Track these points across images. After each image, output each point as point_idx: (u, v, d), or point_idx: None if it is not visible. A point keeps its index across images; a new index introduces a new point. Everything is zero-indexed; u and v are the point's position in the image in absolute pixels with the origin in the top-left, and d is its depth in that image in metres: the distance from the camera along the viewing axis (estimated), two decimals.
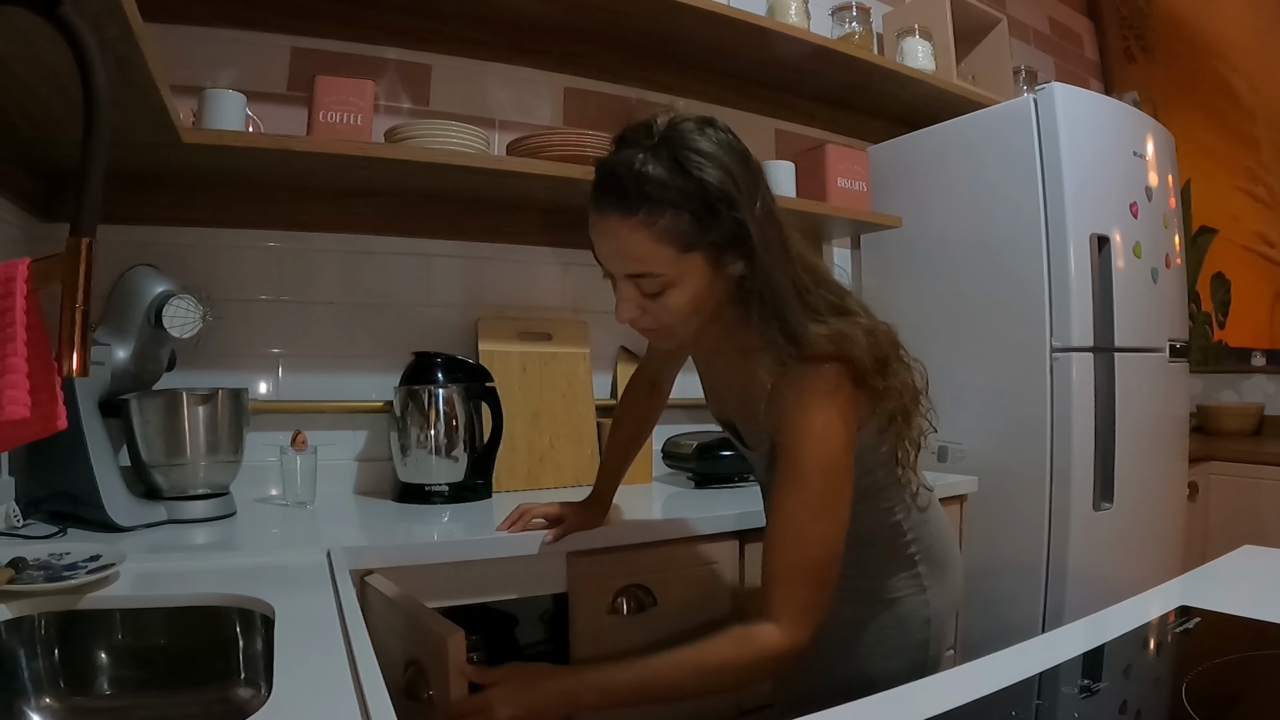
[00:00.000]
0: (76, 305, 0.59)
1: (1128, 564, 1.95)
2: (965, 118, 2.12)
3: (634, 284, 0.89)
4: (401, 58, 1.79)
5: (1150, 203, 2.07)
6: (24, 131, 1.20)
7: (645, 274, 0.88)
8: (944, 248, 2.11)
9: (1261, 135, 2.99)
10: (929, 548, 1.10)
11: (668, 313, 0.90)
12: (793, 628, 0.85)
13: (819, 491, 0.88)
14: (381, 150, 1.47)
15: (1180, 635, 0.81)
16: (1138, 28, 3.32)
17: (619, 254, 0.88)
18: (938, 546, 1.12)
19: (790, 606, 0.86)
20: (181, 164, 1.45)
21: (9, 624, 0.84)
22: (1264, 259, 3.02)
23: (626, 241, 0.86)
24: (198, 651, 0.90)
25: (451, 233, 1.80)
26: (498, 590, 1.29)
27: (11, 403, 0.57)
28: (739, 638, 0.86)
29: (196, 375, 1.51)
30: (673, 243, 0.86)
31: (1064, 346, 1.88)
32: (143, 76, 0.99)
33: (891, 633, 1.05)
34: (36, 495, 1.29)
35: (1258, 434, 2.92)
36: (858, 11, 2.21)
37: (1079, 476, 1.87)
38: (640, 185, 0.85)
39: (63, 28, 0.59)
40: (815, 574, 0.87)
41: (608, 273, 0.93)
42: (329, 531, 1.35)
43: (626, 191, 0.85)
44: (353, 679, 0.68)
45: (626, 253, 0.87)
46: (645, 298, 0.90)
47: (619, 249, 0.88)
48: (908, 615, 1.06)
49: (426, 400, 1.57)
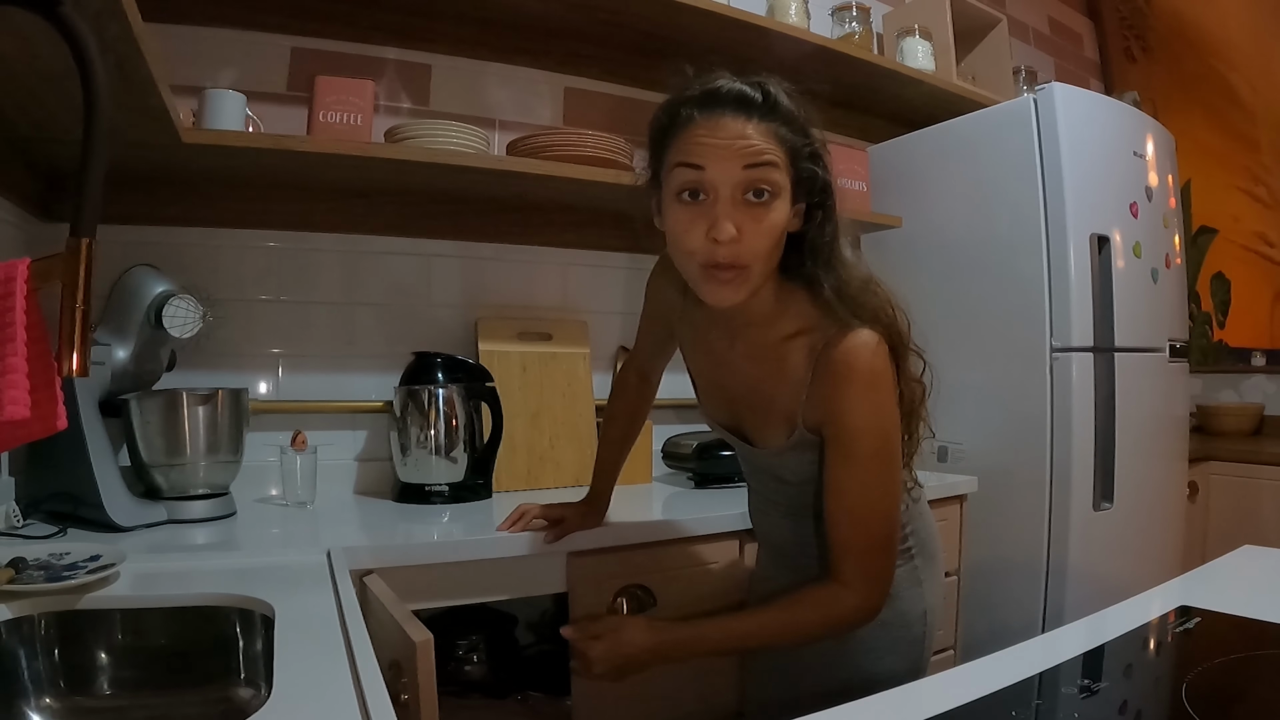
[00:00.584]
0: (76, 305, 0.59)
1: (1128, 564, 1.95)
2: (965, 118, 2.12)
3: (738, 199, 0.87)
4: (401, 58, 1.79)
5: (1150, 203, 2.07)
6: (24, 131, 1.20)
7: (764, 171, 0.86)
8: (944, 248, 2.11)
9: (1261, 135, 2.99)
10: (924, 541, 1.12)
11: (760, 237, 0.87)
12: (869, 596, 0.94)
13: (880, 467, 0.94)
14: (381, 150, 1.47)
15: (1180, 635, 0.81)
16: (1138, 27, 3.32)
17: (746, 150, 0.86)
18: (930, 540, 1.14)
19: (864, 575, 0.94)
20: (181, 164, 1.45)
21: (9, 624, 0.84)
22: (1264, 259, 3.02)
23: (754, 138, 0.86)
24: (198, 651, 0.90)
25: (451, 233, 1.80)
26: (498, 590, 1.29)
27: (11, 403, 0.57)
28: (823, 604, 0.95)
29: (196, 375, 1.51)
30: (784, 158, 0.89)
31: (1064, 346, 1.88)
32: (143, 76, 0.99)
33: (893, 628, 1.05)
34: (36, 495, 1.29)
35: (1258, 434, 2.92)
36: (858, 11, 2.21)
37: (1079, 476, 1.87)
38: (770, 98, 0.89)
39: (63, 28, 0.59)
40: (883, 544, 0.95)
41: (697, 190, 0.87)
42: (329, 531, 1.35)
43: (756, 102, 0.88)
44: (353, 679, 0.68)
45: (754, 149, 0.86)
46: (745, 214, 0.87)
47: (747, 145, 0.86)
48: (907, 609, 1.06)
49: (426, 400, 1.57)
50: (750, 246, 0.87)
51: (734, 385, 1.06)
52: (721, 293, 0.90)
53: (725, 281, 0.89)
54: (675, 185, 0.88)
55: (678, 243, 0.90)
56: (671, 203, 0.89)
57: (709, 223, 0.86)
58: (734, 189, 0.86)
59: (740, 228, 0.86)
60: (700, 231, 0.87)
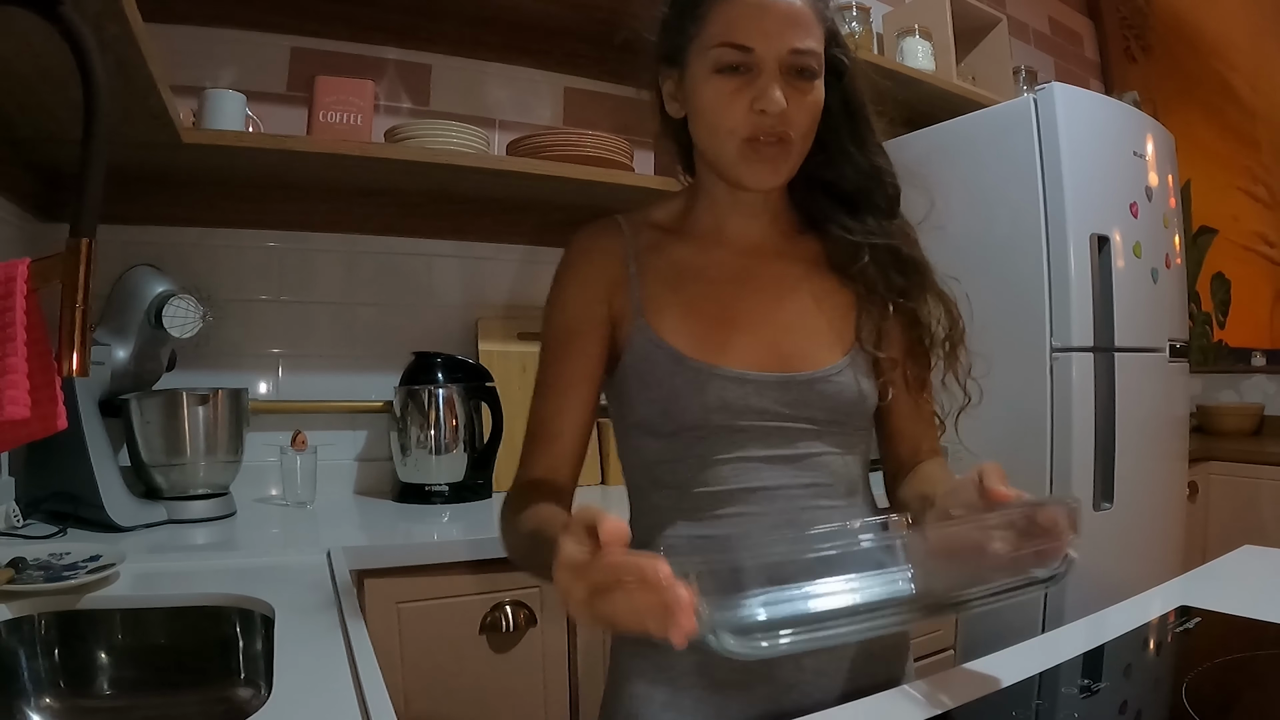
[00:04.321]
0: (76, 305, 0.59)
1: (1128, 564, 1.95)
2: (965, 118, 2.12)
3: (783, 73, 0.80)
4: (401, 58, 1.79)
5: (1150, 203, 2.07)
6: (24, 131, 1.20)
7: (812, 48, 0.80)
8: (943, 247, 2.10)
9: (1261, 135, 2.99)
10: None
11: (806, 110, 0.82)
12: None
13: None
14: (381, 150, 1.47)
15: (1180, 635, 0.81)
16: (1138, 27, 3.32)
17: (795, 23, 0.80)
18: None
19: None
20: (181, 164, 1.45)
21: (9, 624, 0.84)
22: (1264, 259, 3.01)
23: (804, 14, 0.81)
24: (198, 651, 0.90)
25: (451, 233, 1.80)
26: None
27: (11, 403, 0.57)
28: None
29: (196, 375, 1.51)
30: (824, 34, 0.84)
31: (1064, 346, 1.88)
32: (143, 76, 0.99)
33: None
34: (36, 495, 1.29)
35: (1258, 434, 2.92)
36: (858, 11, 2.21)
37: (1079, 476, 1.87)
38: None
39: (63, 28, 0.59)
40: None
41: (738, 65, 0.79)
42: (329, 531, 1.35)
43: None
44: (353, 679, 0.68)
45: (804, 22, 0.81)
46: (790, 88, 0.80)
47: (797, 20, 0.81)
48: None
49: (426, 400, 1.57)
50: (795, 120, 0.80)
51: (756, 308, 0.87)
52: (764, 171, 0.81)
53: (769, 159, 0.81)
54: (713, 61, 0.80)
55: (715, 119, 0.81)
56: (707, 77, 0.80)
57: (754, 94, 0.79)
58: (780, 64, 0.79)
59: (786, 100, 0.79)
60: (743, 104, 0.79)
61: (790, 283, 0.88)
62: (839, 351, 0.86)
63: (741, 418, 0.81)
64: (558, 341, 0.86)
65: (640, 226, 0.89)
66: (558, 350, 0.86)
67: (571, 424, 0.86)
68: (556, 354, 0.86)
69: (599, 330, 0.85)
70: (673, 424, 0.82)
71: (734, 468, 0.82)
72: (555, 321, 0.87)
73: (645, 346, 0.83)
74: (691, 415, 0.81)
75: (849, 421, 0.86)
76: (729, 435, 0.81)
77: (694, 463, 0.82)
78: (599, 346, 0.86)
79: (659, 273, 0.87)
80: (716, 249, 0.88)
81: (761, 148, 0.80)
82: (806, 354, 0.85)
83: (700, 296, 0.86)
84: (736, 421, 0.81)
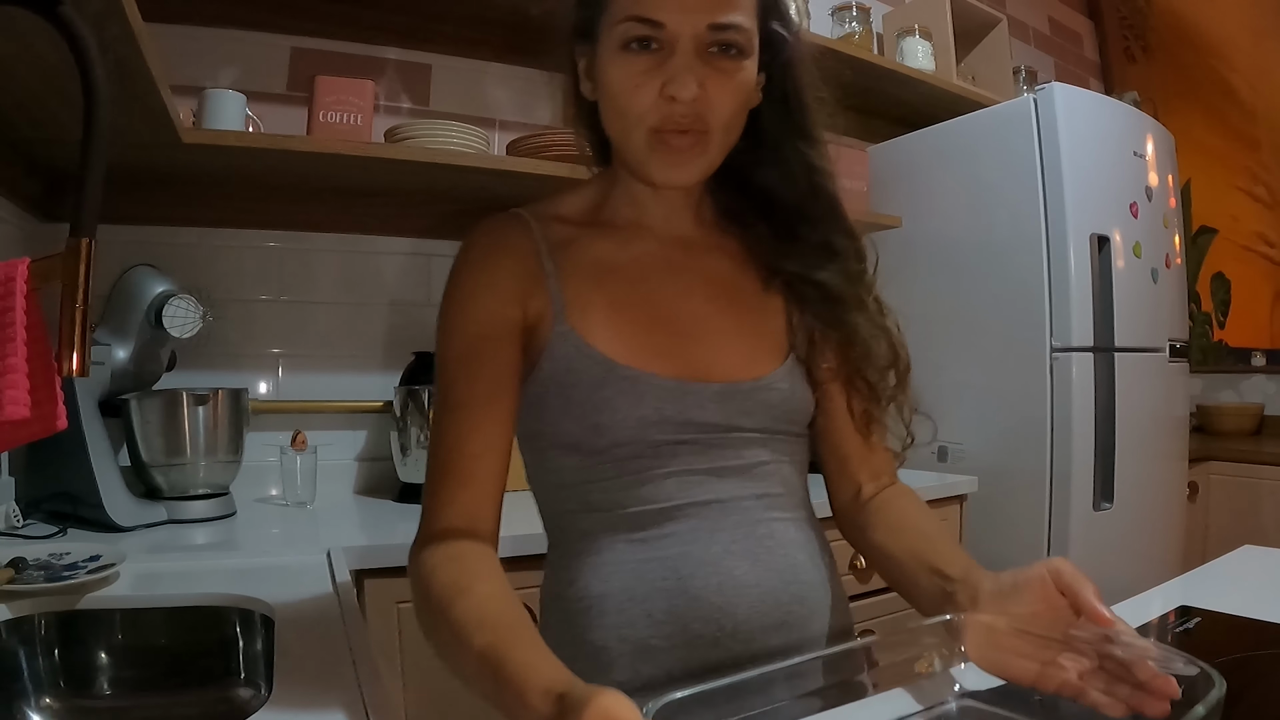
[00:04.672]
0: (76, 305, 0.59)
1: (1128, 564, 1.95)
2: (965, 118, 2.12)
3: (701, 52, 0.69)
4: (401, 58, 1.79)
5: (1150, 203, 2.07)
6: (24, 131, 1.20)
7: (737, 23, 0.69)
8: (944, 248, 2.11)
9: (1261, 135, 2.99)
10: None
11: (728, 96, 0.70)
12: None
13: None
14: (381, 150, 1.47)
15: (1180, 635, 0.81)
16: (1138, 28, 3.32)
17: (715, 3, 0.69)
18: None
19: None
20: (181, 164, 1.45)
21: (9, 624, 0.84)
22: (1264, 259, 3.02)
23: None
24: (198, 651, 0.90)
25: (451, 233, 1.80)
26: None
27: (11, 403, 0.57)
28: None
29: (196, 375, 1.51)
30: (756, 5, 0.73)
31: (1064, 346, 1.88)
32: (143, 76, 0.99)
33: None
34: (36, 495, 1.29)
35: (1258, 434, 2.92)
36: (858, 11, 2.21)
37: (1079, 476, 1.87)
38: None
39: (63, 28, 0.59)
40: None
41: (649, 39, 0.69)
42: (329, 531, 1.35)
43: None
44: (353, 679, 0.68)
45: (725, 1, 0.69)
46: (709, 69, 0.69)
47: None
48: None
49: (427, 400, 1.57)
50: (715, 107, 0.69)
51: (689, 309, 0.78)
52: (672, 167, 0.71)
53: (680, 150, 0.70)
54: (620, 37, 0.69)
55: (621, 104, 0.70)
56: (614, 55, 0.70)
57: (665, 77, 0.68)
58: (697, 41, 0.68)
59: (704, 84, 0.68)
60: (652, 89, 0.68)
61: (721, 281, 0.80)
62: (778, 356, 0.79)
63: (683, 431, 0.73)
64: (465, 354, 0.73)
65: (547, 220, 0.79)
66: (466, 364, 0.72)
67: (490, 452, 0.72)
68: (465, 369, 0.72)
69: (513, 337, 0.73)
70: (604, 439, 0.72)
71: (679, 481, 0.73)
72: (460, 330, 0.74)
73: (569, 353, 0.73)
74: (626, 429, 0.72)
75: (791, 429, 0.79)
76: (669, 449, 0.73)
77: (630, 480, 0.73)
78: (514, 357, 0.73)
79: (579, 270, 0.76)
80: (639, 243, 0.79)
81: (671, 138, 0.70)
82: (745, 360, 0.77)
83: (627, 296, 0.76)
84: (678, 435, 0.73)
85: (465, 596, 0.62)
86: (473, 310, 0.74)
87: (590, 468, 0.74)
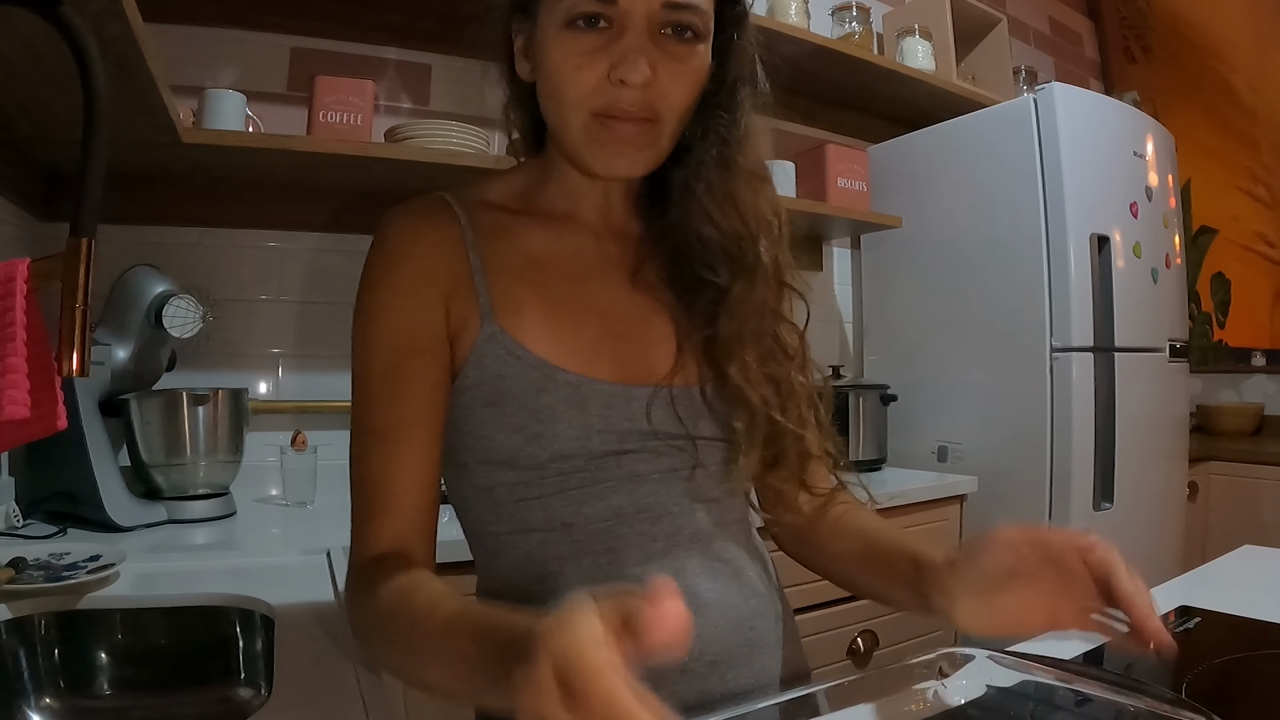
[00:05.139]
0: (76, 305, 0.59)
1: (1128, 564, 1.95)
2: (965, 118, 2.12)
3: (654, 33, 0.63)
4: (401, 58, 1.79)
5: (1150, 203, 2.07)
6: (24, 131, 1.20)
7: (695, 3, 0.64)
8: (944, 248, 2.11)
9: (1261, 135, 2.99)
10: None
11: (682, 83, 0.65)
12: None
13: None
14: (381, 150, 1.47)
15: (1180, 635, 0.81)
16: (1138, 28, 3.32)
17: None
18: None
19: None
20: (181, 164, 1.45)
21: (9, 624, 0.84)
22: (1264, 259, 3.02)
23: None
24: (198, 651, 0.90)
25: None
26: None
27: (11, 403, 0.57)
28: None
29: (196, 375, 1.51)
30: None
31: (1064, 346, 1.88)
32: (143, 76, 0.99)
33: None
34: (36, 495, 1.29)
35: (1258, 434, 2.92)
36: (858, 11, 2.21)
37: (1079, 476, 1.87)
38: None
39: (63, 28, 0.59)
40: None
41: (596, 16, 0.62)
42: (329, 531, 1.34)
43: None
44: (353, 679, 0.68)
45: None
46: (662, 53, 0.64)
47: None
48: None
49: None
50: (667, 95, 0.64)
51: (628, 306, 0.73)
52: (617, 156, 0.64)
53: (627, 140, 0.64)
54: (565, 13, 0.63)
55: (562, 85, 0.64)
56: (557, 32, 0.63)
57: (613, 59, 0.62)
58: (650, 21, 0.63)
59: (656, 68, 0.62)
60: (597, 70, 0.62)
61: (659, 276, 0.74)
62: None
63: (627, 440, 0.67)
64: (387, 370, 0.66)
65: (476, 206, 0.71)
66: (389, 382, 0.65)
67: (420, 486, 0.65)
68: (387, 387, 0.65)
69: (440, 349, 0.66)
70: (546, 452, 0.65)
71: (628, 493, 0.67)
72: (379, 341, 0.67)
73: (501, 358, 0.66)
74: (570, 440, 0.65)
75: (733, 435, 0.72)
76: (613, 459, 0.66)
77: (576, 495, 0.66)
78: (442, 374, 0.66)
79: (509, 264, 0.69)
80: (572, 234, 0.73)
81: (617, 126, 0.64)
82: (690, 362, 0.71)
83: (563, 294, 0.70)
84: (622, 445, 0.67)
85: (419, 590, 0.58)
86: (393, 318, 0.67)
87: (529, 484, 0.66)
